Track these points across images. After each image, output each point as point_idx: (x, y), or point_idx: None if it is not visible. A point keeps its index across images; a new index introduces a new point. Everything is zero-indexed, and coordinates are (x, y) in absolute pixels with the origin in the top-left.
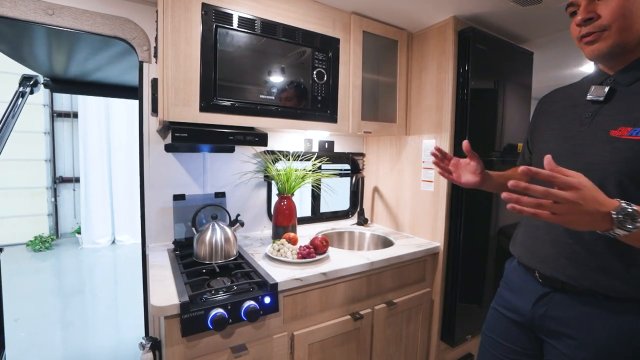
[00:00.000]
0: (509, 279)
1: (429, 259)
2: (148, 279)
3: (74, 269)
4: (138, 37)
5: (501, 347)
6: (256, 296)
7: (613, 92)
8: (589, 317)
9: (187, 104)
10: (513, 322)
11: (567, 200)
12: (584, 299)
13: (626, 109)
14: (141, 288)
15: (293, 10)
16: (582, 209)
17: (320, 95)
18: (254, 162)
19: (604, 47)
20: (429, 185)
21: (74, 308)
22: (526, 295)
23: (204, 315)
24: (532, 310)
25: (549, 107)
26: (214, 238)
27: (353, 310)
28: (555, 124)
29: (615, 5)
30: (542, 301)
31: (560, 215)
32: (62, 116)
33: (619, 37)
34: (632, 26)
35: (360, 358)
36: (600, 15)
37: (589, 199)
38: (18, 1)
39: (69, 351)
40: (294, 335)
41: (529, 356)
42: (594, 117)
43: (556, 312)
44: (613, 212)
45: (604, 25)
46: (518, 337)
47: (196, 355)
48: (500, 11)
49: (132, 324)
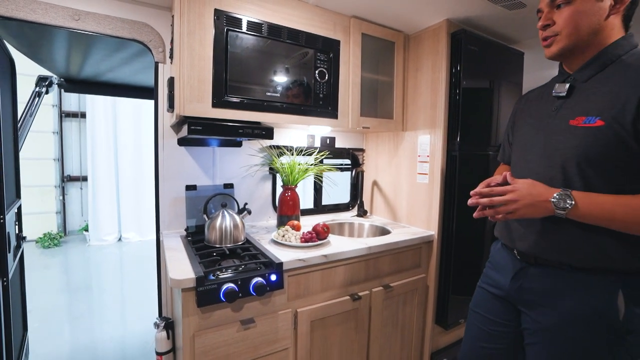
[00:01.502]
0: (494, 259)
1: (424, 246)
2: (165, 260)
3: (82, 265)
4: (154, 39)
5: (486, 320)
6: (263, 274)
7: (573, 88)
8: (556, 286)
9: (200, 100)
10: (496, 297)
11: (508, 201)
12: (553, 271)
13: (582, 102)
14: (147, 283)
15: (297, 15)
16: (523, 204)
17: (322, 93)
18: (260, 156)
19: (556, 49)
20: (424, 178)
21: (83, 302)
22: (506, 271)
23: (217, 288)
24: (511, 284)
25: (524, 105)
26: (224, 224)
27: (352, 291)
28: (530, 119)
29: (566, 15)
30: (518, 275)
31: (512, 212)
32: (70, 116)
33: (567, 41)
34: (578, 33)
35: (359, 337)
36: (555, 22)
37: (525, 195)
38: (49, 8)
39: (78, 341)
40: (298, 312)
41: (509, 327)
42: (558, 110)
43: (530, 284)
44: (552, 198)
45: (557, 31)
46: (500, 311)
47: (210, 326)
48: (490, 14)
49: (138, 317)
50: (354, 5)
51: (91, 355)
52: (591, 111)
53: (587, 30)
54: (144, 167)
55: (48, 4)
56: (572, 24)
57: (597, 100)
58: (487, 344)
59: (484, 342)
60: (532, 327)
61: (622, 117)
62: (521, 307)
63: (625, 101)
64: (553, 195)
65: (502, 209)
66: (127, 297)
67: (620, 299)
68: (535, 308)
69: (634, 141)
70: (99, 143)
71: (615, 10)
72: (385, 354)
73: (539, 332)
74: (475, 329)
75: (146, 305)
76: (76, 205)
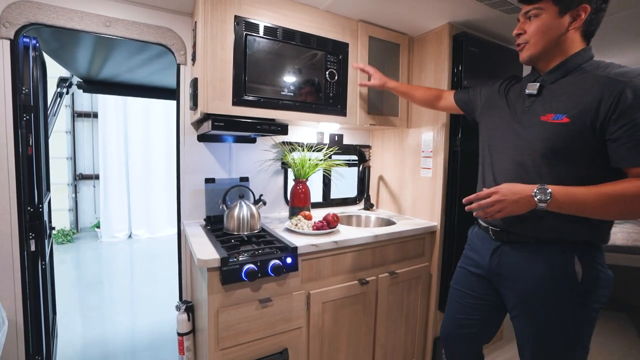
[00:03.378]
0: (472, 241)
1: (428, 236)
2: (190, 245)
3: (94, 260)
4: (176, 43)
5: (465, 295)
6: (280, 256)
7: (542, 88)
8: (527, 257)
9: (222, 99)
10: (475, 275)
11: (494, 201)
12: (522, 246)
13: (551, 101)
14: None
15: (309, 20)
16: (508, 202)
17: (332, 92)
18: (273, 152)
19: (526, 55)
20: (427, 172)
21: (97, 295)
22: (483, 251)
23: (239, 269)
24: (490, 262)
25: (496, 91)
26: (242, 213)
27: (360, 276)
28: (502, 111)
29: (534, 26)
30: (495, 253)
31: (500, 211)
32: (82, 116)
33: (534, 49)
34: (542, 42)
35: (367, 319)
36: (526, 32)
37: (508, 194)
38: (84, 16)
39: (91, 333)
40: (310, 294)
41: (485, 300)
42: (530, 106)
43: (505, 260)
44: (533, 193)
45: (527, 39)
46: (478, 287)
47: (232, 304)
48: (489, 18)
49: (148, 312)
50: (362, 10)
51: (107, 343)
52: (559, 109)
53: (549, 40)
54: (154, 165)
55: (83, 12)
56: (538, 35)
57: (564, 101)
58: (465, 315)
59: (462, 314)
60: (512, 301)
61: (584, 116)
62: (497, 283)
63: (586, 103)
64: (533, 190)
65: (490, 209)
66: (137, 291)
67: (577, 263)
68: (508, 280)
69: (592, 136)
70: (110, 142)
71: (572, 26)
72: (391, 337)
73: (518, 305)
74: (455, 303)
75: (155, 299)
76: (88, 203)
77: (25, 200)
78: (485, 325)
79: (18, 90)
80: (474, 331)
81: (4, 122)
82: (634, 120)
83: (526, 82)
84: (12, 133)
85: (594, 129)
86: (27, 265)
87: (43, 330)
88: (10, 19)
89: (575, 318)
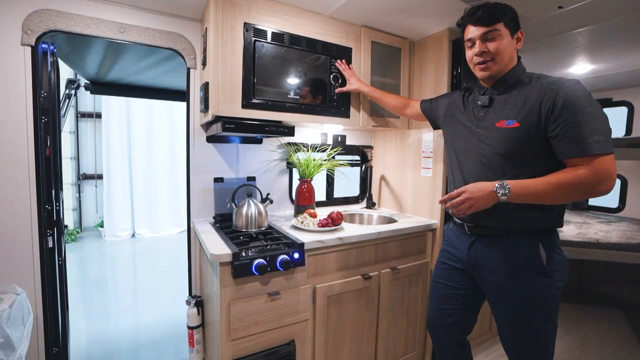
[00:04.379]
0: (448, 237)
1: (428, 234)
2: (202, 241)
3: (98, 259)
4: (187, 48)
5: (446, 287)
6: (288, 252)
7: (492, 99)
8: (498, 250)
9: (232, 102)
10: (454, 268)
11: (464, 199)
12: (495, 239)
13: (501, 109)
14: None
15: (314, 26)
16: (476, 198)
17: (336, 95)
18: (279, 152)
19: (491, 71)
20: (427, 172)
21: (103, 293)
22: (461, 246)
23: (249, 263)
24: (468, 255)
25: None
26: (250, 211)
27: (363, 272)
28: (461, 122)
29: (497, 46)
30: (472, 247)
31: (471, 207)
32: (86, 116)
33: (498, 66)
34: (502, 60)
35: (369, 313)
36: (489, 50)
37: (475, 192)
38: (100, 23)
39: (94, 330)
40: (316, 288)
41: (465, 290)
42: (485, 115)
43: (480, 252)
44: (494, 188)
45: (492, 56)
46: (458, 278)
47: (242, 296)
48: None
49: (151, 310)
50: (365, 16)
51: (113, 339)
52: (509, 116)
53: (507, 58)
54: (157, 165)
55: (100, 19)
56: (501, 52)
57: (512, 109)
58: (447, 305)
59: (444, 304)
60: (489, 287)
61: (530, 119)
62: (477, 272)
63: (530, 109)
64: (494, 186)
65: (461, 207)
66: (145, 288)
67: (541, 248)
68: (484, 270)
69: (538, 135)
70: (114, 142)
71: (517, 46)
72: (393, 330)
73: (496, 289)
74: (437, 295)
75: (163, 295)
76: (91, 202)
77: (43, 198)
78: (465, 312)
79: (38, 94)
80: (456, 319)
81: (25, 125)
82: (566, 120)
83: (477, 94)
84: (33, 135)
85: (539, 129)
86: (45, 261)
87: (60, 323)
88: (31, 26)
89: (543, 295)
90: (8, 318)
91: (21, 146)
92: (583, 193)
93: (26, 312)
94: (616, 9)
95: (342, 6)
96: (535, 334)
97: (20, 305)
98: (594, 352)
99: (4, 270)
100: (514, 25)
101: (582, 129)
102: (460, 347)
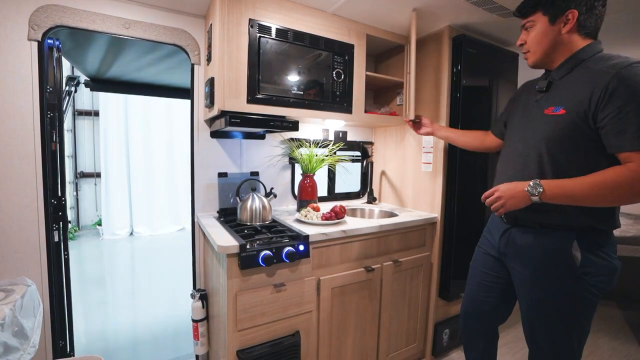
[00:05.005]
0: (489, 225)
1: (429, 227)
2: (209, 235)
3: (97, 257)
4: (191, 44)
5: (482, 273)
6: (293, 244)
7: (550, 84)
8: (528, 241)
9: (237, 97)
10: (490, 255)
11: (497, 198)
12: (528, 230)
13: (554, 96)
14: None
15: (318, 23)
16: (506, 197)
17: (339, 90)
18: (281, 148)
19: (530, 62)
20: (428, 167)
21: (100, 292)
22: (495, 233)
23: (256, 255)
24: (499, 243)
25: (519, 95)
26: (254, 205)
27: (366, 264)
28: (520, 107)
29: (531, 36)
30: (504, 235)
31: (504, 206)
32: (83, 114)
33: (535, 56)
34: (541, 48)
35: (372, 305)
36: (526, 42)
37: (505, 191)
38: (105, 19)
39: (94, 328)
40: (320, 280)
41: (500, 279)
42: (538, 102)
43: (511, 241)
44: (526, 188)
45: (528, 48)
46: (493, 265)
47: (249, 288)
48: (487, 21)
49: (151, 307)
50: (367, 14)
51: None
52: (558, 103)
53: (547, 46)
54: (155, 163)
55: (105, 15)
56: (535, 43)
57: (563, 95)
58: (482, 293)
59: (480, 291)
60: (516, 277)
61: (578, 107)
62: (507, 261)
63: (580, 95)
64: (527, 185)
65: (494, 206)
66: (139, 287)
67: (575, 246)
68: (515, 259)
69: (586, 126)
70: (112, 140)
71: (565, 30)
72: (395, 322)
73: (519, 280)
74: (473, 281)
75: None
76: (89, 201)
77: (49, 193)
78: (500, 302)
79: (44, 89)
80: (490, 308)
81: (31, 120)
82: (619, 108)
83: (541, 79)
84: (40, 129)
85: (587, 119)
86: (52, 255)
87: (66, 317)
88: (38, 22)
89: (569, 297)
90: (21, 308)
91: (28, 141)
92: (628, 195)
93: (36, 303)
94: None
95: (344, 3)
96: (550, 334)
97: (31, 296)
98: (589, 342)
99: (12, 263)
100: (556, 10)
101: (634, 120)
102: (489, 339)
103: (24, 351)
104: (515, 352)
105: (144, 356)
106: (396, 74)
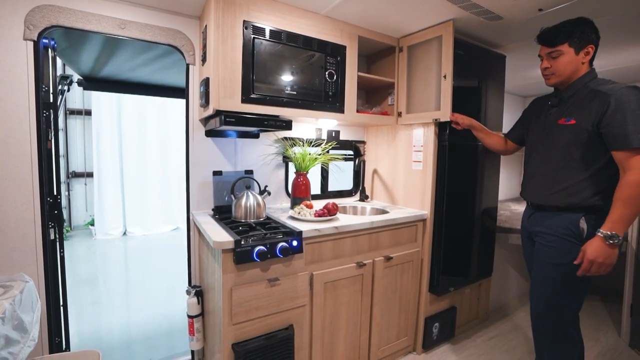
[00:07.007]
0: (522, 216)
1: (419, 224)
2: (204, 231)
3: (89, 258)
4: (186, 44)
5: (524, 245)
6: (287, 240)
7: (560, 100)
8: (548, 221)
9: (232, 97)
10: (525, 237)
11: (589, 265)
12: (547, 212)
13: (565, 110)
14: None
15: (311, 24)
16: (599, 260)
17: (331, 91)
18: (275, 147)
19: (552, 82)
20: (418, 165)
21: (93, 292)
22: (525, 217)
23: (251, 250)
24: (527, 222)
25: (532, 110)
26: (249, 203)
27: (358, 259)
28: (536, 122)
29: (559, 63)
30: (531, 218)
31: (600, 267)
32: (75, 114)
33: (558, 79)
34: (564, 74)
35: (364, 299)
36: (552, 66)
37: (590, 255)
38: (101, 19)
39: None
40: (313, 275)
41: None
42: (552, 114)
43: (535, 222)
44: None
45: (552, 72)
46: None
47: (244, 282)
48: (474, 24)
49: (145, 306)
50: (358, 16)
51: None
52: (568, 115)
53: (569, 72)
54: (148, 162)
55: (100, 15)
56: (562, 69)
57: (573, 109)
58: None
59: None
60: (537, 246)
61: (586, 118)
62: (533, 236)
63: (588, 109)
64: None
65: (591, 271)
66: (133, 287)
67: (583, 222)
68: (539, 235)
69: (593, 132)
70: (104, 140)
71: (585, 60)
72: (386, 316)
73: (541, 246)
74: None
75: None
76: (81, 201)
77: (45, 191)
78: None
79: (40, 88)
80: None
81: (27, 119)
82: (616, 119)
83: (551, 97)
84: (35, 128)
85: (593, 126)
86: (48, 253)
87: (62, 315)
88: (34, 21)
89: (571, 261)
90: (20, 303)
91: (24, 139)
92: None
93: (34, 299)
94: (594, 12)
95: (336, 5)
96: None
97: (29, 292)
98: None
99: (9, 261)
100: (581, 42)
101: (628, 127)
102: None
103: (24, 344)
104: (502, 344)
105: (139, 355)
106: (387, 75)
